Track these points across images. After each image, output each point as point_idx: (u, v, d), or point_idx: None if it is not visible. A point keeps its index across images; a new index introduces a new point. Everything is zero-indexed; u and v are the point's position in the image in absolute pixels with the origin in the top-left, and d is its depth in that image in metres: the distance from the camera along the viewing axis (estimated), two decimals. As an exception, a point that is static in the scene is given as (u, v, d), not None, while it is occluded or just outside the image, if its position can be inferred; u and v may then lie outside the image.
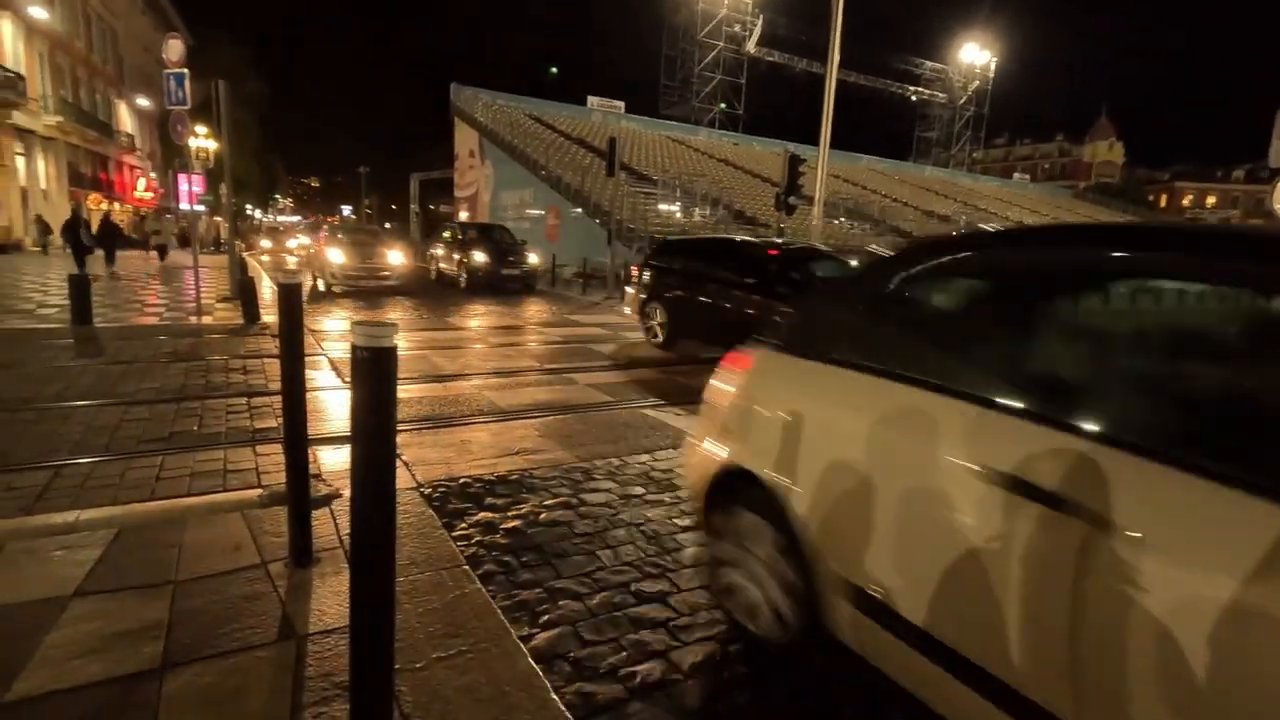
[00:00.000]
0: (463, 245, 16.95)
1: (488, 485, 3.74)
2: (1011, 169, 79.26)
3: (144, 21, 42.96)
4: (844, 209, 33.68)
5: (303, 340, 2.69)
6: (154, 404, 5.08)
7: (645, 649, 2.32)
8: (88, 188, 32.44)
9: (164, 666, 2.04)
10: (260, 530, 2.96)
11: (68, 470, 3.66)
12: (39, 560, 2.63)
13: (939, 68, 59.85)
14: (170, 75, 9.21)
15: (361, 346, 1.29)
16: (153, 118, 41.15)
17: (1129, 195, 67.83)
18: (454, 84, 39.35)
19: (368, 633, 1.45)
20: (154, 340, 7.80)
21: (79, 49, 32.65)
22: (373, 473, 1.32)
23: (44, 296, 11.24)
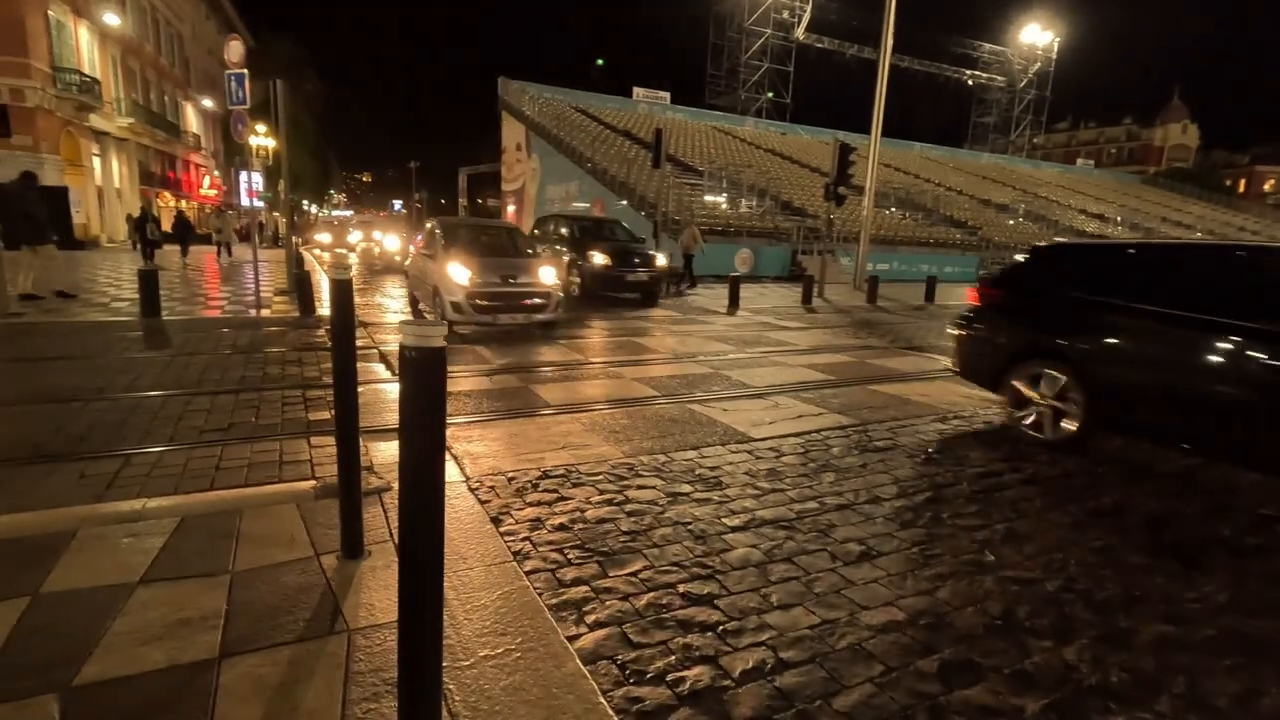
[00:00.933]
0: (573, 244, 13.52)
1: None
2: (1075, 154, 75.80)
3: (209, 25, 44.75)
4: (895, 198, 32.77)
5: (354, 333, 2.72)
6: (215, 395, 5.26)
7: (694, 653, 2.27)
8: (157, 186, 34.04)
9: (221, 656, 2.09)
10: (314, 521, 3.01)
11: (136, 459, 3.81)
12: (109, 547, 2.73)
13: (997, 50, 57.56)
14: (231, 76, 9.52)
15: (410, 346, 1.26)
16: (216, 117, 42.87)
17: (1204, 180, 64.03)
18: (501, 78, 39.74)
19: (416, 631, 1.43)
20: (216, 332, 8.10)
21: (149, 53, 34.20)
22: (421, 473, 1.30)
23: (118, 290, 11.81)
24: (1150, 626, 2.54)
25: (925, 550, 3.09)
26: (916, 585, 2.77)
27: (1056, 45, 58.82)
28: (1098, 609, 2.65)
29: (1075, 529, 3.38)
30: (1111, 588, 2.82)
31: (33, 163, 22.90)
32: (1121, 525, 3.46)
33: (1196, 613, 2.66)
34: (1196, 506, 3.78)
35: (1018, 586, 2.80)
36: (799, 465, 4.15)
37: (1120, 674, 2.25)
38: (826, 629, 2.43)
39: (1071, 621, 2.55)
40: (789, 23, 49.09)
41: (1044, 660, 2.31)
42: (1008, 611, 2.60)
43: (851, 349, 8.86)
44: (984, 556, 3.05)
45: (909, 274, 24.03)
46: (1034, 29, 57.32)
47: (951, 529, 3.33)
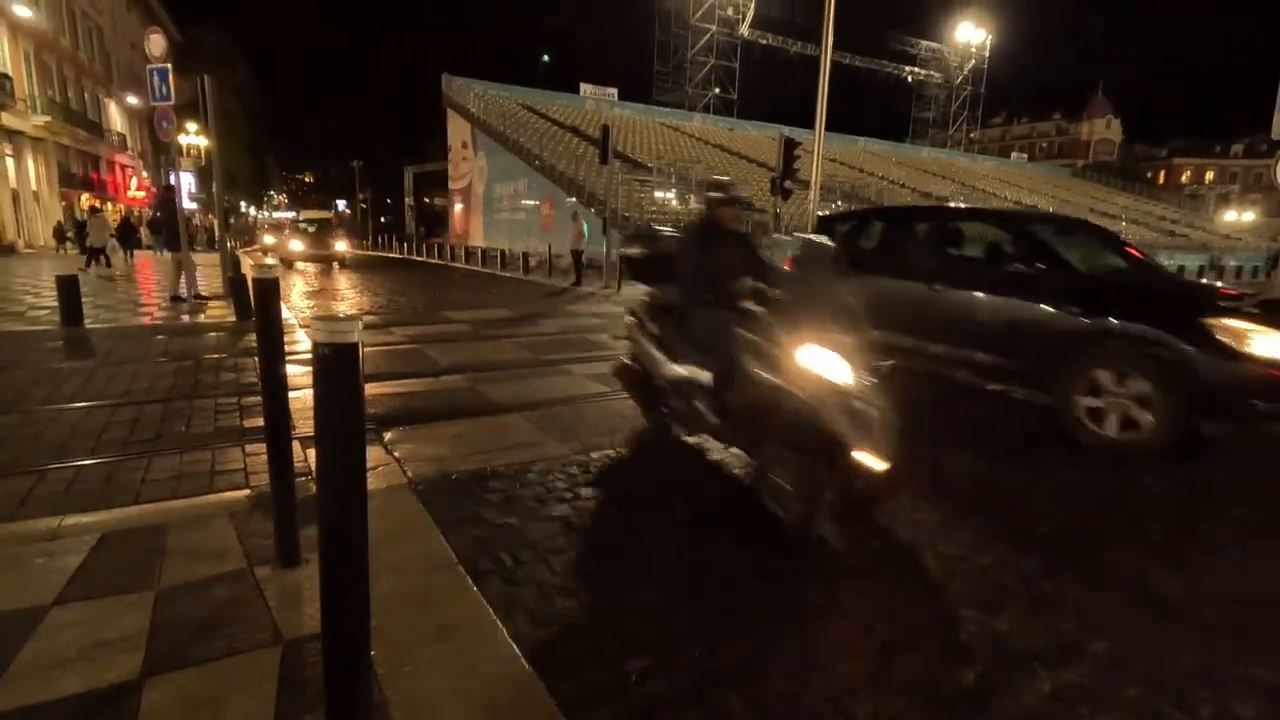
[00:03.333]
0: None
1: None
2: (1009, 148, 78.84)
3: (130, 18, 42.53)
4: (841, 192, 33.50)
5: (281, 334, 2.61)
6: (142, 404, 5.00)
7: (638, 639, 2.26)
8: (79, 188, 32.27)
9: (144, 676, 1.98)
10: (248, 532, 2.89)
11: (51, 475, 3.59)
12: (19, 569, 2.56)
13: (935, 47, 59.41)
14: (154, 70, 9.09)
15: (323, 343, 1.21)
16: (143, 116, 40.82)
17: (1127, 172, 67.42)
18: (445, 75, 39.07)
19: (339, 638, 1.38)
20: (145, 340, 7.72)
21: (65, 47, 32.34)
22: (338, 479, 1.25)
23: (35, 299, 11.15)
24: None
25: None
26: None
27: (989, 43, 61.06)
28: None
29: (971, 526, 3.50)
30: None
31: (-63, 164, 21.46)
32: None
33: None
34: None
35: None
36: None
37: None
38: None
39: (1001, 592, 2.63)
40: (734, 19, 49.61)
41: (980, 633, 2.37)
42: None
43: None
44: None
45: (855, 266, 24.56)
46: (968, 27, 59.36)
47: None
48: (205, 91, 10.65)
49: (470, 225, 38.45)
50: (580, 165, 26.32)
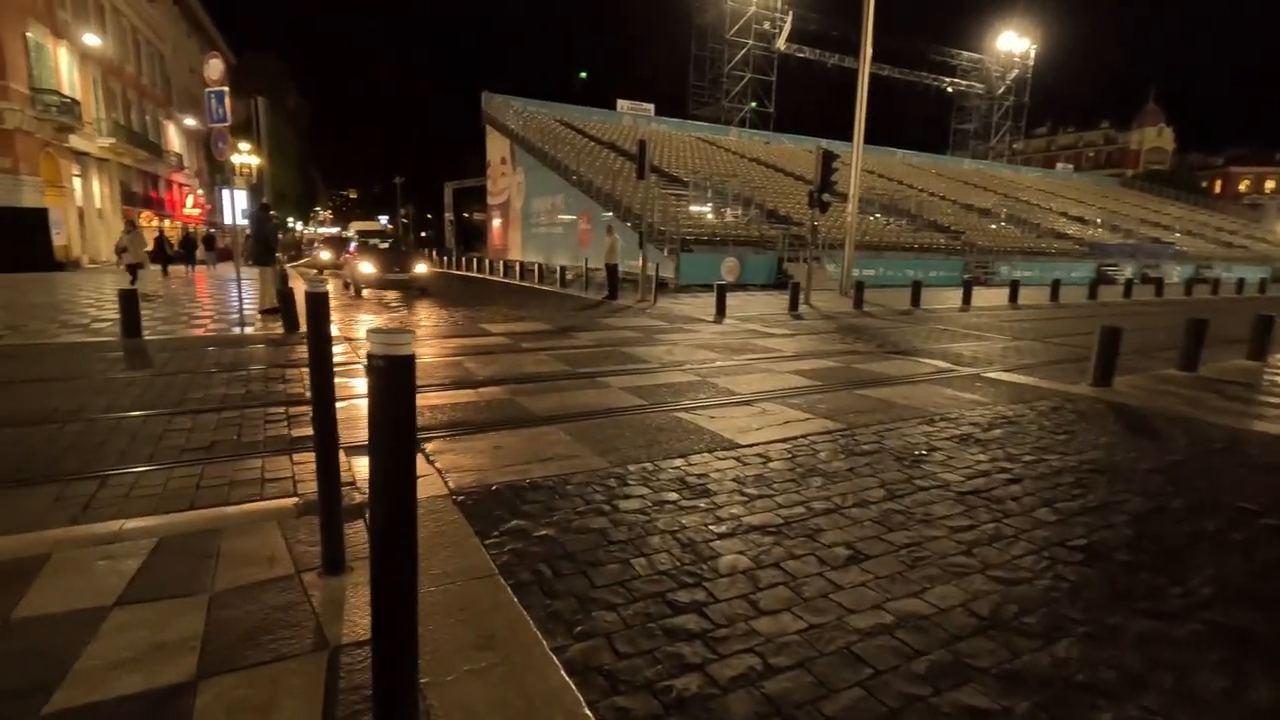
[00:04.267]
0: None
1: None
2: (1054, 159, 76.98)
3: (190, 44, 44.64)
4: (879, 205, 33.07)
5: (331, 348, 2.69)
6: (197, 414, 5.19)
7: (681, 661, 2.24)
8: (139, 206, 33.74)
9: (199, 678, 2.04)
10: (295, 539, 2.97)
11: (113, 480, 3.75)
12: (84, 570, 2.67)
13: (975, 58, 58.41)
14: (211, 93, 9.48)
15: (378, 355, 1.24)
16: (199, 136, 42.65)
17: (1181, 182, 65.09)
18: (485, 92, 39.87)
19: (389, 645, 1.41)
20: (199, 351, 8.01)
21: (130, 73, 34.02)
22: (391, 486, 1.28)
23: (98, 312, 11.67)
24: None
25: (914, 553, 3.08)
26: (905, 588, 2.76)
27: (1033, 52, 59.75)
28: (1085, 607, 2.65)
29: (1062, 525, 3.39)
30: (1101, 586, 2.83)
31: (11, 184, 22.74)
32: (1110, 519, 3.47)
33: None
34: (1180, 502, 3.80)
35: (1003, 587, 2.79)
36: (786, 471, 4.14)
37: (1108, 672, 2.25)
38: (814, 634, 2.42)
39: (1061, 620, 2.55)
40: (770, 33, 49.57)
41: (1032, 660, 2.30)
42: (996, 611, 2.59)
43: (838, 354, 8.89)
44: (970, 557, 3.05)
45: (895, 279, 24.21)
46: (1010, 36, 58.23)
47: (940, 531, 3.33)
48: (259, 112, 11.10)
49: (508, 239, 39.06)
50: (617, 180, 26.53)
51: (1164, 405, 6.09)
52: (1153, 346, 9.90)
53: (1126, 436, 5.13)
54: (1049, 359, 9.07)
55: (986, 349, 9.83)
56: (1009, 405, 6.05)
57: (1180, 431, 5.29)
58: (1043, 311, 16.55)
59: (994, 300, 18.96)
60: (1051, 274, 26.01)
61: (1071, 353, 9.53)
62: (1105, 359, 6.80)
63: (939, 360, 8.53)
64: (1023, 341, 10.78)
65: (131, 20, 34.47)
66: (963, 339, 10.88)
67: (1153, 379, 7.28)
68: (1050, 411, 5.83)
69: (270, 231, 12.40)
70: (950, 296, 19.61)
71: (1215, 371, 7.76)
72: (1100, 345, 6.82)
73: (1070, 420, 5.55)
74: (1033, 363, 8.70)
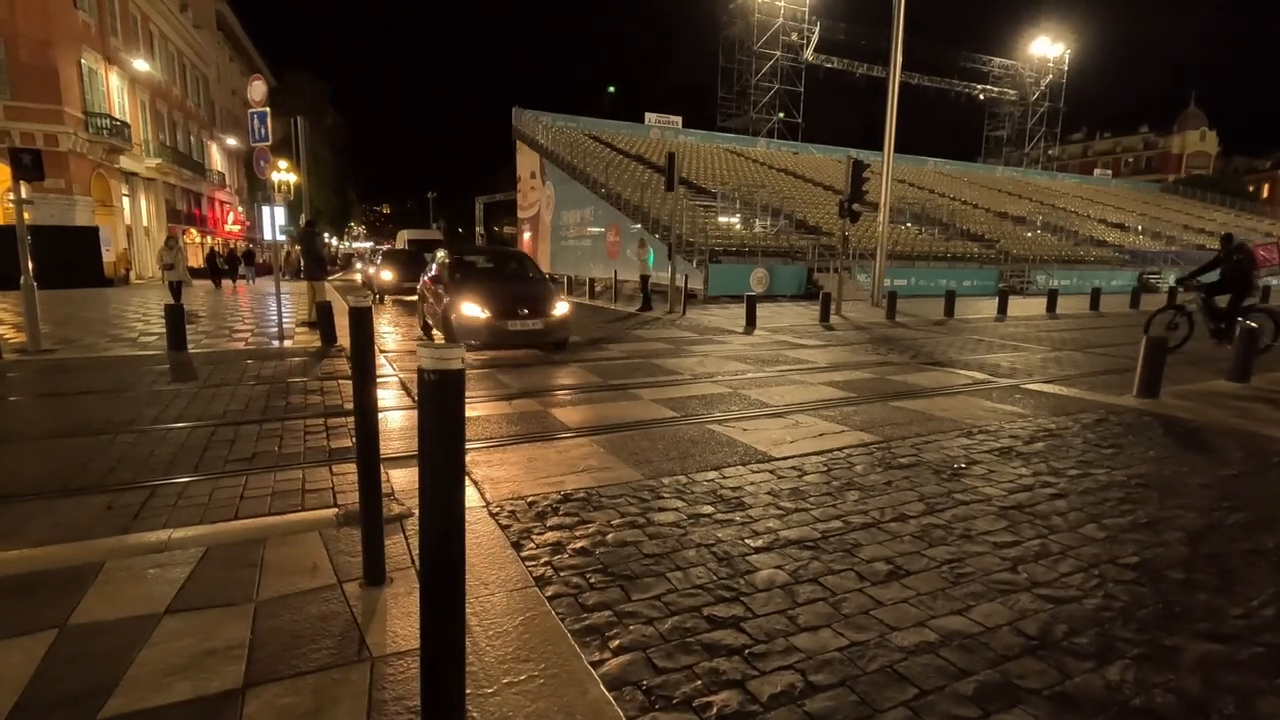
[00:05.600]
0: None
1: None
2: (1091, 165, 75.27)
3: (233, 67, 46.26)
4: (910, 214, 32.67)
5: (374, 362, 2.74)
6: (240, 425, 5.33)
7: (720, 677, 2.22)
8: (183, 223, 34.94)
9: (246, 686, 2.08)
10: (336, 549, 3.01)
11: (162, 490, 3.85)
12: (135, 578, 2.75)
13: (1008, 64, 57.59)
14: (254, 114, 9.79)
15: (429, 369, 1.26)
16: (240, 155, 44.08)
17: (1227, 187, 63.08)
18: (515, 107, 40.45)
19: (438, 657, 1.42)
20: (240, 364, 8.23)
21: (176, 96, 35.36)
22: (441, 497, 1.29)
23: (145, 326, 12.07)
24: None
25: (956, 569, 3.01)
26: (948, 605, 2.70)
27: (1068, 57, 58.72)
28: (1139, 627, 2.56)
29: (1112, 542, 3.29)
30: (1156, 603, 2.73)
31: (64, 204, 23.72)
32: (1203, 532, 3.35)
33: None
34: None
35: (1051, 605, 2.71)
36: (822, 484, 4.09)
37: (1168, 695, 2.16)
38: (856, 651, 2.37)
39: (1114, 641, 2.46)
40: (798, 44, 49.56)
41: (1083, 681, 2.22)
42: (1044, 631, 2.52)
43: (871, 365, 8.77)
44: (1015, 573, 2.96)
45: (928, 289, 23.85)
46: (1044, 42, 57.34)
47: (983, 547, 3.25)
48: (299, 132, 11.41)
49: (538, 252, 39.48)
50: (645, 192, 26.65)
51: (1216, 417, 5.88)
52: (1200, 356, 9.57)
53: (1176, 450, 4.96)
54: (1091, 370, 8.83)
55: (1025, 360, 9.61)
56: (1051, 418, 5.90)
57: (1234, 445, 5.09)
58: (1082, 321, 16.14)
59: (1031, 310, 18.55)
60: (1091, 282, 25.36)
61: (1114, 363, 9.26)
62: (1151, 369, 6.60)
63: (976, 371, 8.36)
64: (1063, 352, 10.51)
65: (178, 45, 35.87)
66: (1000, 350, 10.65)
67: (1202, 390, 7.04)
68: (1094, 424, 5.67)
69: (321, 247, 12.79)
70: (985, 306, 19.24)
71: (1269, 382, 7.47)
72: (1145, 355, 6.62)
73: (1116, 433, 5.39)
74: (1074, 374, 8.48)
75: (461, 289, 8.84)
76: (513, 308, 8.60)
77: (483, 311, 8.42)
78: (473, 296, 8.59)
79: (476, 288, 8.91)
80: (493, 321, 8.43)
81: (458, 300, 8.61)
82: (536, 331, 8.73)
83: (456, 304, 8.57)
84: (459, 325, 8.45)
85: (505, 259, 11.15)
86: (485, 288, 8.97)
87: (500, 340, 8.60)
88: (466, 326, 8.40)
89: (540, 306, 8.85)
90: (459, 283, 9.11)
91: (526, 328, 8.60)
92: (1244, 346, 7.35)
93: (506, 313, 8.52)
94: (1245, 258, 9.43)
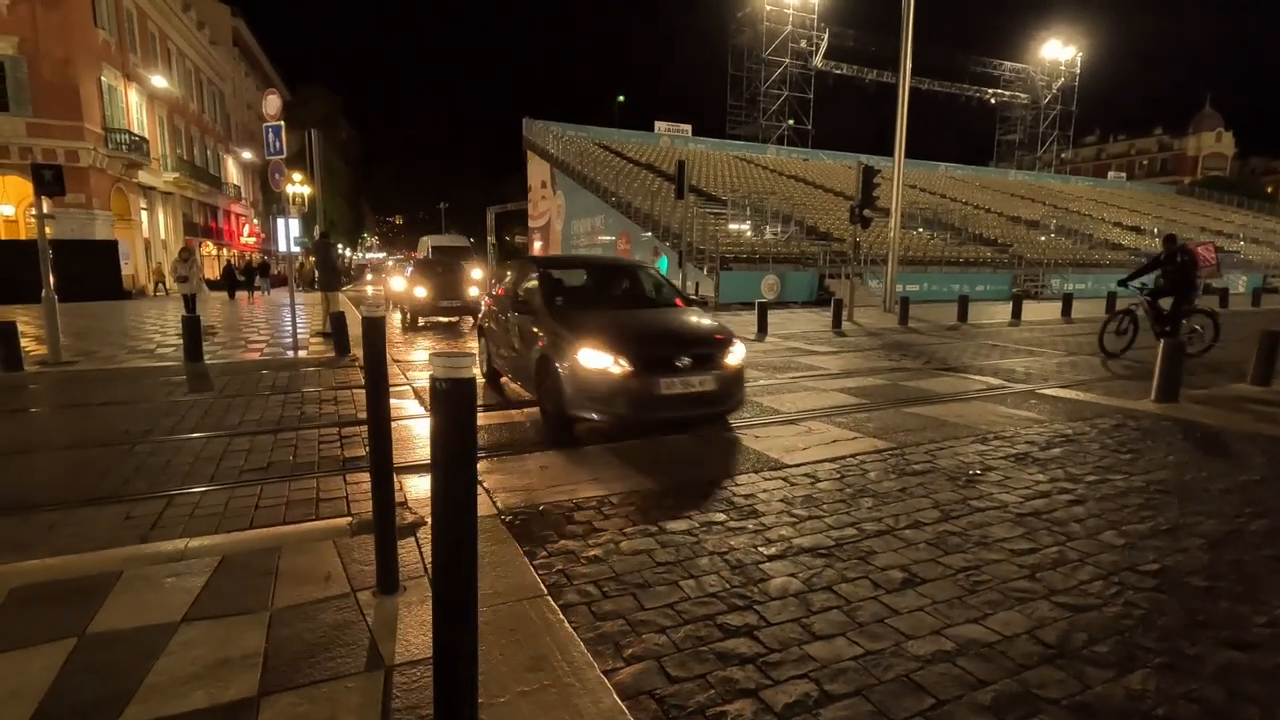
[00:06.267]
0: None
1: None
2: (1105, 168, 74.61)
3: (248, 82, 46.98)
4: (922, 219, 32.53)
5: (386, 372, 2.76)
6: (255, 435, 5.38)
7: (734, 686, 2.20)
8: (200, 235, 35.43)
9: (261, 694, 2.09)
10: (350, 558, 3.03)
11: (179, 499, 3.90)
12: (153, 586, 2.77)
13: (1019, 67, 57.33)
14: (269, 128, 9.94)
15: (441, 378, 1.27)
16: (255, 168, 44.69)
17: (1245, 188, 62.30)
18: (525, 118, 40.79)
19: (451, 665, 1.42)
20: (255, 374, 8.31)
21: (193, 111, 35.96)
22: (453, 505, 1.30)
23: (163, 338, 12.23)
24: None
25: (972, 577, 2.98)
26: (965, 613, 2.67)
27: (1079, 59, 58.38)
28: (1160, 636, 2.52)
29: (1131, 549, 3.24)
30: (1179, 611, 2.68)
31: (84, 218, 24.12)
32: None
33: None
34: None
35: (1070, 613, 2.67)
36: (835, 491, 4.06)
37: (1190, 705, 2.12)
38: (871, 660, 2.35)
39: (1135, 650, 2.42)
40: (807, 51, 49.63)
41: (1104, 690, 2.19)
42: (1063, 639, 2.48)
43: (884, 371, 8.72)
44: (1033, 581, 2.93)
45: (940, 294, 23.71)
46: (1055, 44, 57.05)
47: (999, 554, 3.21)
48: (312, 144, 11.56)
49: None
50: (655, 201, 26.72)
51: (1236, 422, 5.79)
52: (1220, 360, 9.44)
53: (1196, 455, 4.89)
54: (1108, 374, 8.73)
55: (1040, 364, 9.51)
56: (1067, 423, 5.83)
57: (1256, 450, 5.01)
58: (1098, 325, 15.92)
59: (1046, 314, 18.38)
60: (1106, 286, 25.08)
61: (1132, 368, 9.15)
62: (1169, 373, 6.51)
63: (990, 377, 8.29)
64: (1079, 356, 10.40)
65: (195, 62, 36.52)
66: (1014, 354, 10.56)
67: (1222, 394, 6.93)
68: (1112, 429, 5.60)
69: (335, 258, 12.97)
70: (999, 311, 19.09)
71: (1291, 386, 7.34)
72: (1163, 359, 6.53)
73: (1134, 438, 5.32)
74: (1090, 378, 8.38)
75: (572, 325, 5.44)
76: (665, 355, 5.15)
77: (617, 362, 4.97)
78: (595, 337, 5.14)
79: (597, 323, 5.42)
80: (636, 380, 4.96)
81: (569, 343, 5.21)
82: (707, 396, 5.19)
83: (567, 349, 5.17)
84: (577, 386, 5.07)
85: (618, 274, 7.17)
86: (612, 323, 5.46)
87: (649, 409, 5.05)
88: (591, 388, 5.02)
89: (707, 352, 5.32)
90: (565, 315, 5.74)
91: (690, 389, 5.11)
92: (1264, 349, 7.24)
93: (656, 363, 5.07)
94: (1189, 259, 9.50)
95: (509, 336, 6.63)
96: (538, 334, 5.74)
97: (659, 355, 5.13)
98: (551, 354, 5.37)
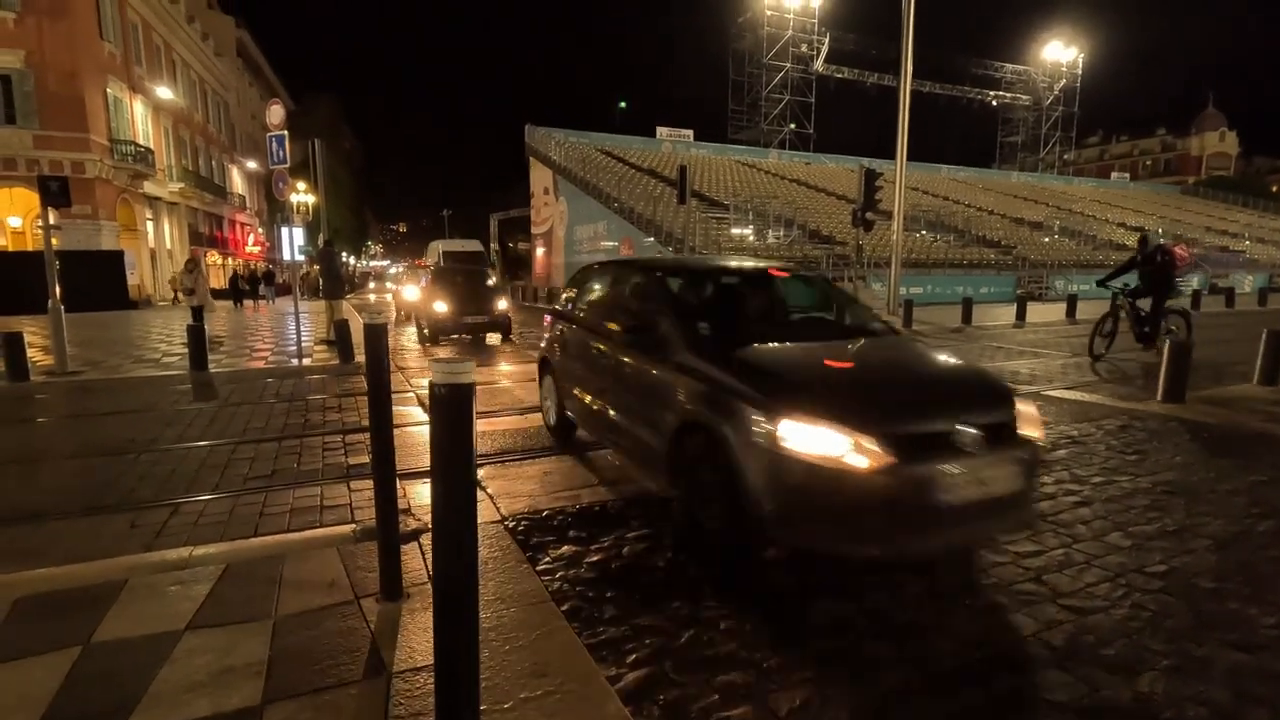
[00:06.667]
0: None
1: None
2: (1108, 168, 74.49)
3: (252, 92, 47.30)
4: (925, 221, 32.49)
5: (389, 379, 2.76)
6: (259, 443, 5.39)
7: (737, 691, 2.19)
8: (205, 245, 35.63)
9: (264, 703, 2.09)
10: (354, 565, 3.03)
11: (184, 508, 3.91)
12: (157, 595, 2.78)
13: (1020, 69, 57.30)
14: (272, 137, 9.98)
15: (440, 383, 1.28)
16: (259, 177, 44.97)
17: (1250, 188, 62.08)
18: (528, 125, 40.88)
19: (453, 671, 1.42)
20: (260, 383, 8.34)
21: (198, 122, 36.21)
22: (453, 511, 1.30)
23: (168, 346, 12.29)
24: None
25: (978, 579, 2.96)
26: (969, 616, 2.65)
27: (1081, 60, 58.33)
28: (1168, 638, 2.50)
29: (1138, 550, 3.21)
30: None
31: (91, 229, 24.27)
32: (1187, 548, 3.27)
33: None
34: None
35: (1076, 616, 2.65)
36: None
37: (1199, 708, 2.11)
38: (875, 663, 2.33)
39: (1143, 653, 2.40)
40: (808, 56, 49.70)
41: (1111, 693, 2.17)
42: (1070, 642, 2.46)
43: (888, 374, 8.68)
44: (1038, 584, 2.91)
45: (945, 296, 23.65)
46: (1056, 46, 57.02)
47: (1004, 556, 3.19)
48: (316, 154, 11.63)
49: (551, 267, 39.74)
50: (658, 206, 26.75)
51: (1243, 422, 5.75)
52: (1226, 360, 9.39)
53: (1203, 456, 4.86)
54: (1113, 375, 8.69)
55: (1045, 366, 9.48)
56: (1073, 424, 5.80)
57: (1264, 450, 4.98)
58: (1103, 326, 15.87)
59: (1050, 315, 18.32)
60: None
61: (1138, 369, 9.11)
62: (1176, 374, 6.48)
63: (995, 379, 8.25)
64: (1083, 358, 10.36)
65: (199, 73, 36.78)
66: (1019, 356, 10.52)
67: (1229, 394, 6.89)
68: (1118, 430, 5.57)
69: (339, 266, 13.02)
70: (1003, 313, 19.03)
71: (1298, 385, 7.30)
72: (1169, 359, 6.50)
73: (1140, 439, 5.29)
74: (1095, 380, 8.35)
75: (751, 373, 3.11)
76: (936, 427, 2.80)
77: (858, 446, 2.62)
78: (804, 397, 2.85)
79: (795, 369, 3.23)
80: (894, 480, 2.61)
81: (752, 404, 2.88)
82: (1005, 501, 2.84)
83: (748, 417, 2.85)
84: (786, 489, 2.73)
85: (781, 287, 4.65)
86: (819, 367, 3.31)
87: (923, 535, 2.76)
88: (813, 495, 2.68)
89: (997, 417, 2.92)
90: (724, 356, 3.31)
91: (984, 489, 2.74)
92: (1270, 349, 7.21)
93: (923, 444, 2.72)
94: (1168, 259, 9.54)
95: (602, 379, 4.33)
96: (672, 386, 3.42)
97: (926, 429, 2.79)
98: (712, 422, 3.03)
